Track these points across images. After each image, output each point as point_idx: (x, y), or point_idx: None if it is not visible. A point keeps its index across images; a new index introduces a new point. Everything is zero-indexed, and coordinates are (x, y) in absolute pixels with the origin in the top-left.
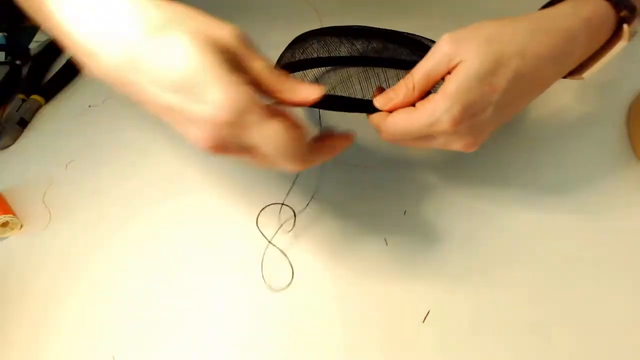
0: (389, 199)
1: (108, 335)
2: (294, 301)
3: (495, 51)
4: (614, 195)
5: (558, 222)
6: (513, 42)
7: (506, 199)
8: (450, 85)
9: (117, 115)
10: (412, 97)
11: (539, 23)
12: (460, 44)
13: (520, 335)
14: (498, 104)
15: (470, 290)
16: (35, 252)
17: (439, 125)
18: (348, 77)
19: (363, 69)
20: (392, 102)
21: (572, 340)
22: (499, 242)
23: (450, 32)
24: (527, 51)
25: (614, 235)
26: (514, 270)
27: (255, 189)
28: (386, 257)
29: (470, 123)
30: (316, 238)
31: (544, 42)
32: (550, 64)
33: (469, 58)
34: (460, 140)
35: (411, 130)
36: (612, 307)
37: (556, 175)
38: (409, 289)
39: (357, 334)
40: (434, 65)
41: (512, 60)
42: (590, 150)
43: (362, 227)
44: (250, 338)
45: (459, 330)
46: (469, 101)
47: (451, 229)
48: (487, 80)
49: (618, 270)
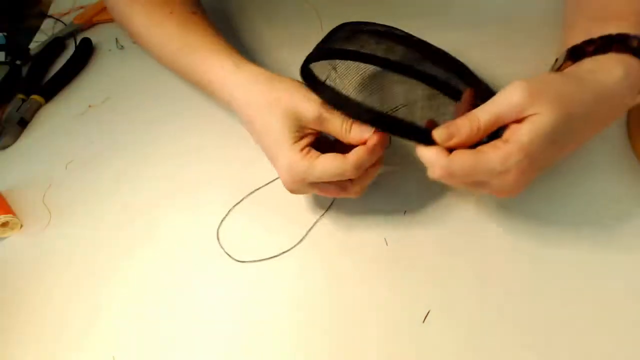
0: (389, 199)
1: (108, 335)
2: (293, 301)
3: (567, 113)
4: (614, 195)
5: (558, 223)
6: (581, 106)
7: (506, 199)
8: (525, 137)
9: (117, 115)
10: (475, 137)
11: (600, 90)
12: (535, 97)
13: (520, 336)
14: (553, 158)
15: (470, 290)
16: (35, 252)
17: (505, 174)
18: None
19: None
20: (454, 139)
21: (572, 341)
22: (499, 241)
23: (520, 79)
24: (592, 115)
25: (614, 235)
26: (514, 270)
27: (249, 186)
28: (386, 257)
29: (529, 176)
30: (316, 238)
31: (604, 108)
32: (602, 125)
33: (543, 113)
34: (514, 189)
35: (476, 173)
36: (612, 307)
37: (556, 176)
38: (409, 289)
39: (357, 334)
40: (504, 111)
41: (577, 123)
42: (590, 151)
43: (362, 227)
44: (251, 338)
45: (459, 330)
46: (538, 157)
47: (451, 229)
48: (556, 139)
49: (618, 271)
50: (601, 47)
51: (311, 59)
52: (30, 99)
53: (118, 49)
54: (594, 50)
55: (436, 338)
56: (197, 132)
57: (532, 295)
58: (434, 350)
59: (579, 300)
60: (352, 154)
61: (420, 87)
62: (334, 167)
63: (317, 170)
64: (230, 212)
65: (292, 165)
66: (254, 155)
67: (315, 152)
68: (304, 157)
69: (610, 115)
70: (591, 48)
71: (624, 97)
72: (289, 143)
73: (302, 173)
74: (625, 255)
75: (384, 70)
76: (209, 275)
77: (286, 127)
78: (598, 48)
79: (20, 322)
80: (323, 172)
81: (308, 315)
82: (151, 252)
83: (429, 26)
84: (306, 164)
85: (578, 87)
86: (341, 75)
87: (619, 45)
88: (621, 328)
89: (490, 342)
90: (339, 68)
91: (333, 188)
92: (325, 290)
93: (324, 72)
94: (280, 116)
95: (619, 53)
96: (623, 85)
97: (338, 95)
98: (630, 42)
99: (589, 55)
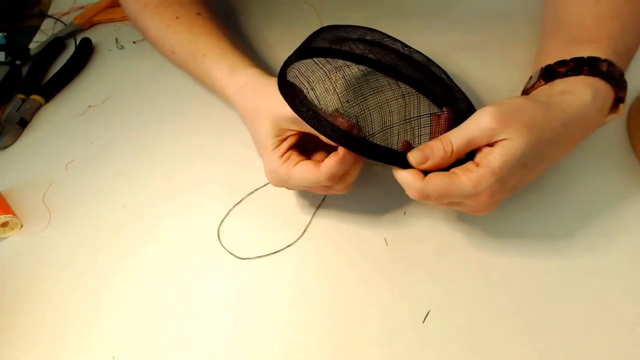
0: (389, 199)
1: (108, 335)
2: (293, 301)
3: (537, 137)
4: (614, 195)
5: (558, 223)
6: (550, 131)
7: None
8: (495, 162)
9: (117, 115)
10: (448, 160)
11: (569, 113)
12: (505, 122)
13: (520, 336)
14: (522, 180)
15: (470, 291)
16: (35, 252)
17: (477, 196)
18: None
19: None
20: (428, 162)
21: (572, 340)
22: (500, 241)
23: (492, 105)
24: (560, 139)
25: (614, 235)
26: (514, 270)
27: (249, 186)
28: (386, 257)
29: (500, 196)
30: (315, 237)
31: (572, 131)
32: (571, 147)
33: (514, 138)
34: (485, 209)
35: (450, 195)
36: (612, 307)
37: (556, 176)
38: (409, 289)
39: (358, 334)
40: (475, 136)
41: (547, 147)
42: (590, 151)
43: (362, 227)
44: (251, 338)
45: (459, 330)
46: (508, 179)
47: (451, 229)
48: (526, 163)
49: (618, 271)
50: (573, 69)
51: (288, 63)
52: (30, 99)
53: (118, 49)
54: (565, 72)
55: (436, 338)
56: (197, 131)
57: (532, 295)
58: (434, 350)
59: (579, 300)
60: (324, 164)
61: (399, 98)
62: (309, 178)
63: (295, 179)
64: (231, 211)
65: (273, 171)
66: (254, 154)
67: (295, 158)
68: (282, 164)
69: (579, 136)
70: (563, 69)
71: (592, 118)
72: (269, 149)
73: (282, 180)
74: (626, 255)
75: (365, 78)
76: (209, 275)
77: (267, 132)
78: (569, 69)
79: (20, 322)
80: (300, 181)
81: (308, 316)
82: (151, 251)
83: (427, 26)
84: (284, 172)
85: (548, 112)
86: (319, 86)
87: (589, 68)
88: (621, 329)
89: (490, 342)
90: (319, 77)
91: (317, 188)
92: (325, 290)
93: (304, 83)
94: (262, 122)
95: (589, 76)
96: (591, 108)
97: (315, 116)
98: (600, 66)
99: (560, 76)
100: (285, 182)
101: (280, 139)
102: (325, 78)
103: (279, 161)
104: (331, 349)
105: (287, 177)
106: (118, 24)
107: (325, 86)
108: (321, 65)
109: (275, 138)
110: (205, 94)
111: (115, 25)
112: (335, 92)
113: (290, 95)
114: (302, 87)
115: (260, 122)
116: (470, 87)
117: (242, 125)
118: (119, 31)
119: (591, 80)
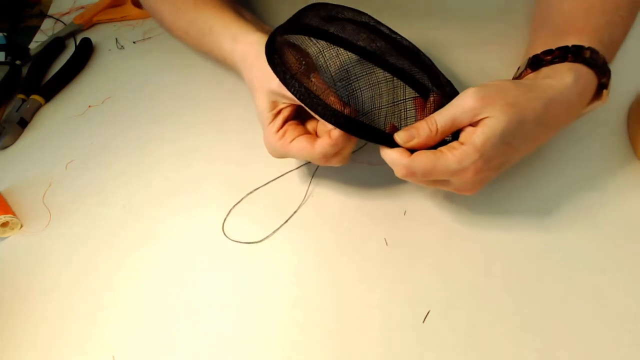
0: (389, 199)
1: (108, 335)
2: (293, 301)
3: (518, 116)
4: (615, 195)
5: (558, 223)
6: (532, 111)
7: (506, 199)
8: (478, 139)
9: (117, 115)
10: (433, 139)
11: (550, 94)
12: (487, 101)
13: (520, 336)
14: (507, 159)
15: (470, 290)
16: (35, 252)
17: (462, 173)
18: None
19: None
20: (414, 140)
21: (572, 341)
22: (500, 241)
23: (475, 86)
24: (542, 119)
25: (615, 235)
26: (514, 270)
27: (249, 186)
28: (386, 257)
29: (485, 174)
30: (315, 237)
31: (554, 113)
32: (555, 130)
33: (496, 117)
34: (472, 187)
35: (436, 171)
36: (612, 306)
37: (557, 176)
38: (409, 289)
39: (358, 334)
40: (459, 115)
41: (529, 126)
42: (590, 151)
43: (362, 227)
44: (250, 337)
45: (459, 330)
46: (491, 156)
47: (451, 229)
48: (509, 141)
49: (618, 270)
50: (558, 57)
51: (278, 34)
52: (30, 99)
53: (118, 49)
54: (551, 60)
55: (436, 338)
56: (197, 131)
57: (532, 295)
58: (434, 350)
59: (579, 300)
60: (318, 144)
61: (389, 81)
62: (304, 154)
63: (291, 154)
64: (231, 211)
65: (270, 145)
66: (255, 155)
67: (291, 134)
68: (279, 140)
69: (561, 120)
70: (549, 57)
71: (573, 103)
72: (266, 124)
73: (280, 154)
74: (626, 255)
75: (358, 61)
76: (209, 275)
77: (263, 107)
78: (555, 57)
79: (20, 322)
80: (296, 155)
81: (308, 316)
82: (150, 251)
83: (428, 27)
84: (280, 148)
85: (529, 93)
86: (312, 63)
87: (573, 55)
88: (621, 325)
89: (490, 342)
90: (312, 54)
91: (314, 161)
92: (325, 290)
93: (297, 58)
94: (257, 96)
95: (573, 62)
96: (572, 90)
97: (306, 92)
98: (584, 53)
99: (547, 64)
100: (282, 155)
101: (274, 113)
102: (319, 55)
103: (275, 137)
104: (331, 349)
105: (284, 152)
106: (118, 24)
107: (319, 63)
108: (314, 42)
109: (269, 112)
110: (205, 93)
111: (115, 25)
112: (329, 69)
113: (281, 70)
114: (293, 62)
115: (256, 95)
116: (468, 82)
117: (242, 124)
118: (119, 31)
119: (574, 66)
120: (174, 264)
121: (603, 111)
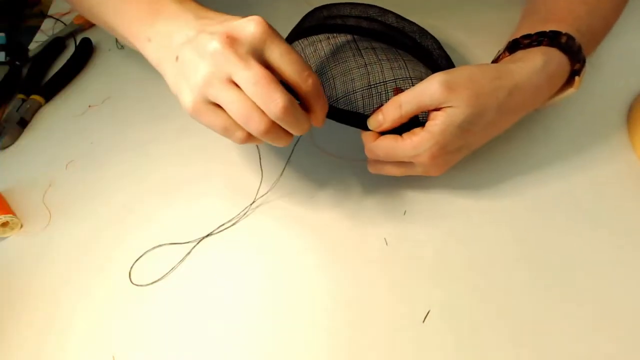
0: (389, 198)
1: (108, 335)
2: (293, 301)
3: (481, 104)
4: (615, 195)
5: (559, 222)
6: (495, 98)
7: (507, 199)
8: (436, 126)
9: (117, 115)
10: (398, 123)
11: (516, 79)
12: (454, 92)
13: (520, 336)
14: (468, 144)
15: (470, 290)
16: (35, 252)
17: (419, 157)
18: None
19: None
20: (383, 125)
21: (572, 340)
22: (500, 240)
23: (441, 72)
24: (504, 106)
25: (615, 235)
26: (515, 269)
27: (251, 186)
28: (386, 257)
29: (444, 158)
30: (315, 237)
31: (518, 99)
32: (519, 114)
33: (459, 106)
34: (434, 170)
35: (394, 155)
36: (612, 305)
37: (557, 175)
38: (409, 289)
39: (357, 334)
40: (424, 101)
41: (490, 113)
42: (590, 150)
43: (362, 227)
44: (249, 337)
45: (459, 330)
46: (448, 141)
47: (451, 229)
48: (469, 128)
49: (618, 270)
50: (535, 41)
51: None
52: (30, 99)
53: (118, 48)
54: (528, 43)
55: (436, 338)
56: (197, 131)
57: (533, 296)
58: (434, 350)
59: (580, 300)
60: None
61: (361, 67)
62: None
63: None
64: (240, 213)
65: None
66: (254, 154)
67: None
68: None
69: (527, 104)
70: (527, 41)
71: (541, 86)
72: None
73: None
74: (626, 255)
75: (332, 52)
76: (209, 275)
77: None
78: (532, 41)
79: (20, 322)
80: None
81: (308, 315)
82: (151, 251)
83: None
84: None
85: (496, 81)
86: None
87: (549, 39)
88: (622, 325)
89: (490, 342)
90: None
91: None
92: (325, 289)
93: None
94: None
95: (548, 47)
96: (540, 74)
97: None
98: (560, 38)
99: (523, 47)
100: None
101: None
102: (301, 53)
103: None
104: (331, 349)
105: None
106: None
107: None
108: (298, 43)
109: None
110: None
111: None
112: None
113: None
114: None
115: None
116: None
117: None
118: None
119: (547, 49)
120: (175, 264)
121: (603, 111)
